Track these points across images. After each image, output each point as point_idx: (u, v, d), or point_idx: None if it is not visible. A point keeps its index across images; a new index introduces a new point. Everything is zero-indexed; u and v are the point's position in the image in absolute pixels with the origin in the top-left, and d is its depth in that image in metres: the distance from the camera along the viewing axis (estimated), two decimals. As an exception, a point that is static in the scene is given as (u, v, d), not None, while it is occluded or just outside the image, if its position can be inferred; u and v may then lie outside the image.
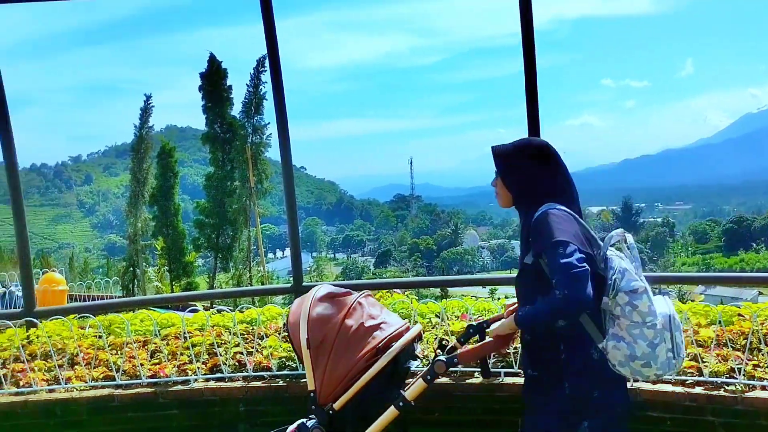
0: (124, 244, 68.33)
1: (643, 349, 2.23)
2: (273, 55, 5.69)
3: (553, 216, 2.38)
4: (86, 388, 4.66)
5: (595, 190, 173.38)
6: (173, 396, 4.60)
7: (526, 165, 2.56)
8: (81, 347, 5.13)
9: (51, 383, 4.73)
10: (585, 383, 2.40)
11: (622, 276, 2.28)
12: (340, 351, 2.54)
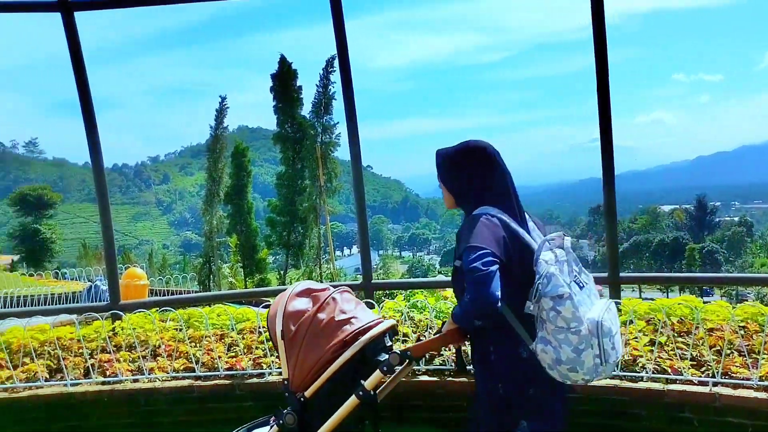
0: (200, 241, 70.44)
1: (568, 354, 2.25)
2: (343, 55, 5.75)
3: (474, 222, 2.43)
4: (168, 378, 4.82)
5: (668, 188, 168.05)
6: (249, 388, 4.70)
7: (465, 167, 2.60)
8: (162, 339, 5.30)
9: (135, 373, 4.90)
10: (517, 382, 2.43)
11: (548, 281, 2.29)
12: (310, 342, 2.62)
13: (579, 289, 2.35)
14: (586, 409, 4.16)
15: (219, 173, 45.48)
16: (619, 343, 2.38)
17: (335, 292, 2.81)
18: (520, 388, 2.44)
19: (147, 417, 4.69)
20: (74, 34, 5.61)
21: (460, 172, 2.63)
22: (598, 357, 2.26)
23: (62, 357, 5.03)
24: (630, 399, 4.07)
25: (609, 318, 2.34)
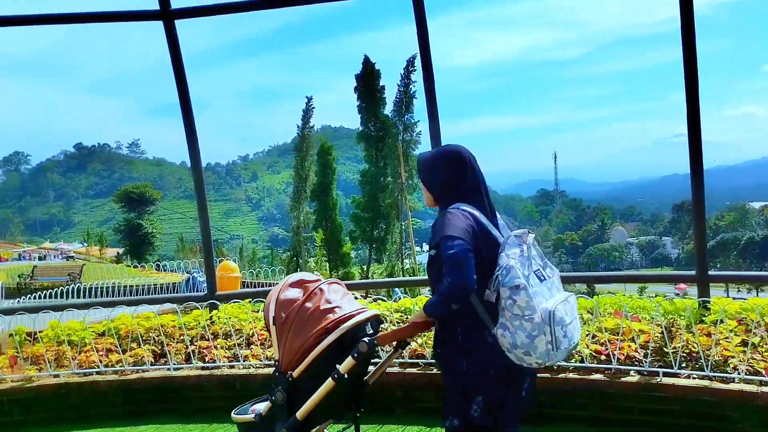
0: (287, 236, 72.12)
1: (523, 340, 2.44)
2: (425, 54, 5.77)
3: (448, 215, 2.63)
4: (261, 366, 5.00)
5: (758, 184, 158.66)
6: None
7: (441, 170, 2.80)
8: (255, 329, 5.49)
9: (231, 360, 5.11)
10: (479, 362, 2.59)
11: (507, 273, 2.48)
12: (297, 328, 2.81)
13: (539, 281, 2.54)
14: (676, 410, 4.04)
15: (305, 171, 46.46)
16: (572, 332, 2.53)
17: (324, 283, 2.98)
18: (482, 368, 2.59)
19: (242, 402, 4.86)
20: (175, 40, 5.86)
21: (436, 174, 2.82)
22: (550, 343, 2.43)
23: (166, 343, 5.30)
24: (721, 400, 3.92)
25: (563, 309, 2.51)
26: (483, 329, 2.58)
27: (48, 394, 4.98)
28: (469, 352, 2.61)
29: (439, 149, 2.90)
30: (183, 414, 4.91)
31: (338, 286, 3.03)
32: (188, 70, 6.05)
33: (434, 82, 5.80)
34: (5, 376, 5.10)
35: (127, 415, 4.93)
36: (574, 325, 2.57)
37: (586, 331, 4.69)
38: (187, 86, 6.05)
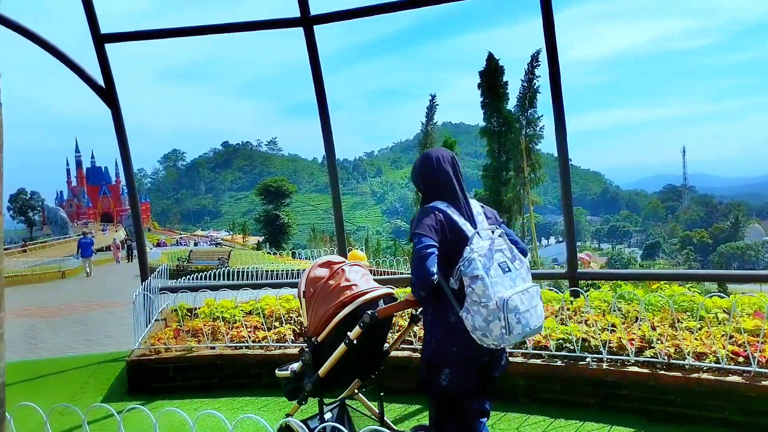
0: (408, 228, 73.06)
1: (479, 323, 2.64)
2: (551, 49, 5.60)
3: (419, 214, 2.92)
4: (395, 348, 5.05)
5: None
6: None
7: (420, 172, 3.08)
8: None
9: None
10: (444, 340, 2.86)
11: (468, 264, 2.68)
12: (320, 301, 3.17)
13: (502, 272, 2.72)
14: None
15: (428, 166, 46.41)
16: (528, 319, 2.69)
17: (346, 265, 3.30)
18: (446, 344, 2.86)
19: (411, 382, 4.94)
20: (313, 45, 6.06)
21: (416, 178, 3.12)
22: (503, 328, 2.62)
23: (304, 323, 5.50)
24: None
25: (520, 298, 2.68)
26: (448, 311, 2.82)
27: (205, 364, 5.34)
28: (436, 331, 2.91)
29: (422, 154, 3.18)
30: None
31: (359, 268, 3.34)
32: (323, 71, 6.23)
33: (560, 76, 5.63)
34: (171, 345, 5.51)
35: (271, 386, 5.16)
36: (531, 313, 2.73)
37: (721, 331, 4.38)
38: (324, 88, 6.23)
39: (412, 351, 5.00)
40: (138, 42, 6.61)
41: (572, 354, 4.58)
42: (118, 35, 6.36)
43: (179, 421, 4.58)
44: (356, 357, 3.14)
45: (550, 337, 4.71)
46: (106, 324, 10.59)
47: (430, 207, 2.92)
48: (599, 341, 4.55)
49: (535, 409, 4.50)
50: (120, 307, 12.85)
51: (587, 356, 4.54)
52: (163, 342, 5.58)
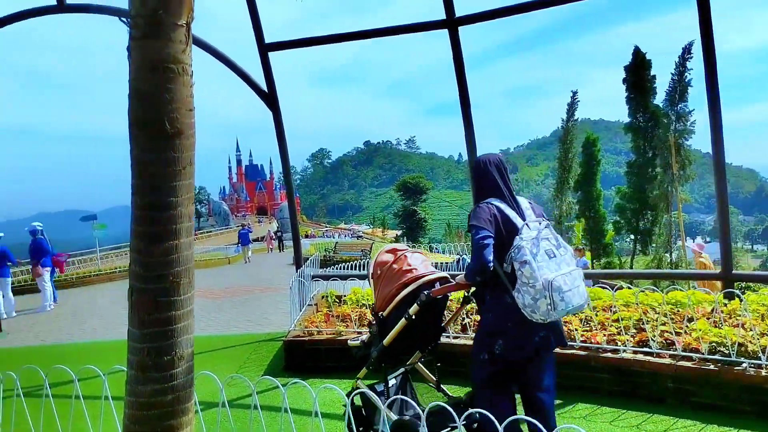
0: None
1: (528, 301, 2.97)
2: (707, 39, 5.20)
3: (476, 209, 3.20)
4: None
5: None
6: (603, 362, 4.62)
7: (475, 175, 3.42)
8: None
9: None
10: (500, 317, 3.16)
11: (518, 251, 3.02)
12: (385, 282, 3.56)
13: (548, 258, 3.03)
14: None
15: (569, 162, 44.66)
16: (570, 298, 2.97)
17: (408, 251, 3.70)
18: (501, 320, 3.15)
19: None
20: (458, 46, 6.07)
21: (473, 178, 3.50)
22: (549, 305, 2.93)
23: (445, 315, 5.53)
24: None
25: (563, 279, 2.98)
26: (503, 292, 3.12)
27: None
28: (492, 309, 3.23)
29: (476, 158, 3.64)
30: (459, 377, 5.09)
31: (419, 255, 3.73)
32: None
33: (716, 67, 5.20)
34: (322, 329, 5.78)
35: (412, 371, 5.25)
36: (574, 292, 3.01)
37: None
38: (467, 88, 6.21)
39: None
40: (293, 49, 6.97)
41: (727, 358, 4.24)
42: (280, 44, 6.76)
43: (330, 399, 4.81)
44: (415, 331, 3.51)
45: (701, 340, 4.40)
46: (263, 307, 11.31)
47: (485, 202, 3.24)
48: (758, 346, 4.17)
49: (684, 413, 4.24)
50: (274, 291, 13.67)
51: (744, 361, 4.18)
52: (315, 325, 5.87)
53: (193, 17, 2.39)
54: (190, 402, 2.64)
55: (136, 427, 2.52)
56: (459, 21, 6.00)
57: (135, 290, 2.49)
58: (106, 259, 25.22)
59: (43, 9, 7.09)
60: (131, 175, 2.44)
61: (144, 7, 2.28)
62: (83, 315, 11.77)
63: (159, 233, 2.42)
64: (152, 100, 2.33)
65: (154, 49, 2.30)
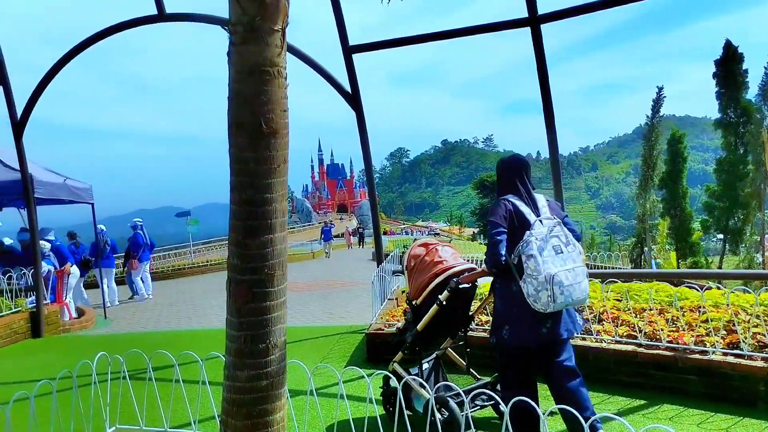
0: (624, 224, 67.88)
1: (531, 291, 3.14)
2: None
3: (494, 205, 3.43)
4: (612, 342, 4.82)
5: None
6: (691, 363, 4.40)
7: (498, 172, 3.64)
8: (605, 307, 5.31)
9: (583, 333, 5.02)
10: (507, 303, 3.38)
11: (526, 245, 3.19)
12: (418, 273, 3.89)
13: (554, 253, 3.20)
14: None
15: (654, 160, 42.57)
16: (570, 292, 3.14)
17: (439, 245, 4.03)
18: (509, 307, 3.37)
19: (594, 371, 4.77)
20: (540, 44, 5.93)
21: (497, 177, 3.66)
22: (549, 297, 3.10)
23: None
24: None
25: (566, 275, 3.14)
26: (511, 281, 3.32)
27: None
28: (501, 296, 3.46)
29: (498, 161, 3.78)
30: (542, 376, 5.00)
31: (449, 248, 4.05)
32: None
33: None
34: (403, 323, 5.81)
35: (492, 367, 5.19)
36: (575, 287, 3.17)
37: None
38: (549, 86, 6.06)
39: (636, 346, 4.69)
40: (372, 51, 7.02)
41: (828, 365, 3.94)
42: (364, 46, 6.84)
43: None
44: (446, 318, 3.82)
45: (799, 344, 4.11)
46: (344, 300, 11.51)
47: (502, 199, 3.46)
48: None
49: (779, 419, 3.97)
50: (355, 286, 13.88)
51: None
52: (396, 319, 5.91)
53: (288, 22, 2.47)
54: (283, 388, 2.73)
55: (233, 410, 2.63)
56: (542, 18, 5.85)
57: (233, 281, 2.60)
58: (198, 252, 26.40)
59: (144, 18, 7.48)
60: (230, 173, 2.55)
61: (243, 14, 2.38)
62: (178, 305, 12.38)
63: (255, 227, 2.52)
64: (250, 101, 2.43)
65: (252, 54, 2.40)
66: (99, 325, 10.14)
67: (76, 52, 7.79)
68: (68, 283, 10.57)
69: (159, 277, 18.95)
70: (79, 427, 4.02)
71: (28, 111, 8.16)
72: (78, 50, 7.77)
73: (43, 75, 8.02)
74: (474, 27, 6.47)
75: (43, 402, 4.43)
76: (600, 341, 4.88)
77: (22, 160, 8.44)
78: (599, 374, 4.74)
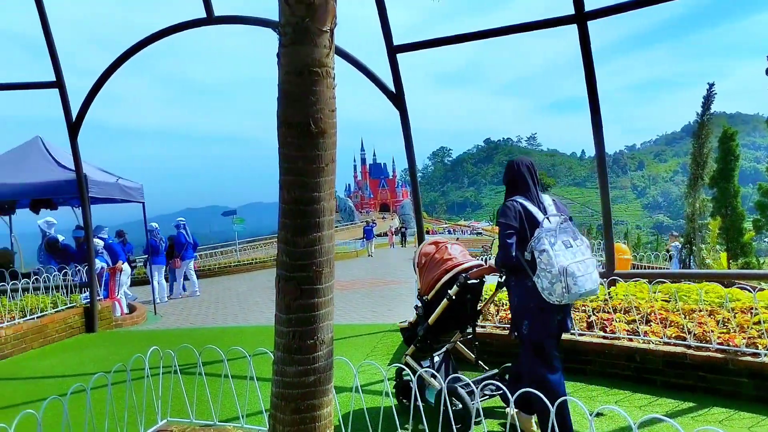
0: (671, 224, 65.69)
1: (546, 285, 3.30)
2: None
3: (503, 206, 3.62)
4: (660, 343, 4.71)
5: None
6: (743, 365, 4.27)
7: (506, 175, 3.79)
8: (653, 308, 5.19)
9: (630, 334, 4.93)
10: (523, 298, 3.52)
11: (537, 241, 3.35)
12: (429, 269, 4.06)
13: (564, 248, 3.35)
14: None
15: (703, 158, 41.27)
16: (583, 283, 3.28)
17: (449, 243, 4.21)
18: (525, 302, 3.52)
19: (641, 372, 4.69)
20: (587, 41, 5.82)
21: (504, 178, 3.82)
22: (564, 289, 3.25)
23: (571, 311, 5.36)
24: None
25: (576, 266, 3.29)
26: (525, 277, 3.46)
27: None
28: (518, 292, 3.59)
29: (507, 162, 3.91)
30: (585, 374, 4.95)
31: (458, 246, 4.25)
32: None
33: None
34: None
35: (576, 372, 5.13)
36: (586, 278, 3.32)
37: None
38: (596, 84, 5.96)
39: (685, 347, 4.57)
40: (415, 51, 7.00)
41: None
42: (408, 45, 6.83)
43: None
44: (455, 312, 3.97)
45: None
46: (387, 298, 11.55)
47: (511, 200, 3.63)
48: None
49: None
50: (398, 285, 13.90)
51: None
52: (439, 317, 5.89)
53: (336, 23, 2.50)
54: (330, 384, 2.76)
55: (282, 404, 2.68)
56: (589, 15, 5.74)
57: (282, 278, 2.65)
58: (243, 251, 26.88)
59: (193, 22, 7.65)
60: (279, 172, 2.59)
61: (292, 15, 2.42)
62: (225, 302, 12.64)
63: (304, 226, 2.57)
64: (299, 101, 2.47)
65: (301, 54, 2.44)
66: (149, 320, 10.44)
67: (128, 56, 8.03)
68: (120, 280, 10.93)
69: (205, 275, 19.36)
70: (132, 419, 4.16)
71: (83, 113, 8.45)
72: (130, 54, 8.01)
73: (97, 78, 8.29)
74: (520, 25, 6.37)
75: (96, 394, 4.59)
76: (647, 342, 4.77)
77: (77, 160, 8.76)
78: (647, 375, 4.65)
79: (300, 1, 2.37)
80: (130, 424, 4.09)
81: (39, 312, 8.04)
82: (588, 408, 3.01)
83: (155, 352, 3.95)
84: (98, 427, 3.96)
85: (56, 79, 8.20)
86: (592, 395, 4.51)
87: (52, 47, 8.01)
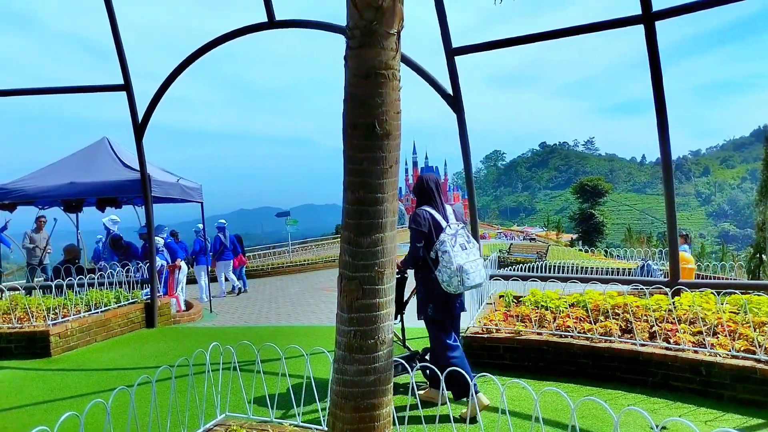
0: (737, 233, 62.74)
1: (445, 278, 4.27)
2: None
3: (415, 215, 4.46)
4: (728, 356, 4.55)
5: None
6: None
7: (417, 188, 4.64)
8: (720, 319, 5.02)
9: (695, 345, 4.78)
10: (429, 288, 4.45)
11: (441, 244, 4.31)
12: None
13: (461, 249, 4.31)
14: None
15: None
16: (473, 277, 4.27)
17: None
18: (430, 291, 4.43)
19: (706, 386, 4.54)
20: (654, 42, 5.69)
21: (415, 190, 4.64)
22: (459, 282, 4.22)
23: (632, 320, 5.24)
24: None
25: (469, 265, 4.27)
26: (429, 272, 4.37)
27: (532, 347, 5.45)
28: (425, 283, 4.46)
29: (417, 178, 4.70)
30: (646, 386, 4.83)
31: None
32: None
33: None
34: (501, 327, 5.77)
35: (595, 376, 5.07)
36: (476, 274, 4.29)
37: None
38: (663, 86, 5.81)
39: (755, 362, 4.40)
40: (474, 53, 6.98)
41: None
42: (466, 48, 6.83)
43: (516, 395, 4.80)
44: None
45: None
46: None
47: (422, 209, 4.46)
48: None
49: None
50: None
51: None
52: (494, 323, 5.87)
53: (403, 26, 2.54)
54: (390, 384, 2.80)
55: (342, 402, 2.74)
56: (656, 15, 5.60)
57: (344, 277, 2.70)
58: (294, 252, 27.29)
59: (255, 26, 7.85)
60: (343, 173, 2.65)
61: (360, 18, 2.47)
62: (278, 301, 12.88)
63: (367, 226, 2.62)
64: (365, 104, 2.52)
65: (369, 57, 2.49)
66: (205, 318, 10.75)
67: (192, 60, 8.31)
68: (178, 278, 11.29)
69: (258, 275, 19.76)
70: (193, 412, 4.31)
71: (148, 115, 8.79)
72: (194, 58, 8.29)
73: (162, 81, 8.61)
74: (583, 26, 6.28)
75: (158, 386, 4.77)
76: (714, 355, 4.62)
77: (141, 161, 9.12)
78: (712, 389, 4.50)
79: (369, 5, 2.42)
80: (191, 417, 4.24)
81: (103, 306, 8.40)
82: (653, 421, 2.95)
83: (215, 348, 4.08)
84: (162, 417, 4.12)
85: (124, 83, 8.56)
86: (654, 407, 4.40)
87: (122, 52, 8.37)
